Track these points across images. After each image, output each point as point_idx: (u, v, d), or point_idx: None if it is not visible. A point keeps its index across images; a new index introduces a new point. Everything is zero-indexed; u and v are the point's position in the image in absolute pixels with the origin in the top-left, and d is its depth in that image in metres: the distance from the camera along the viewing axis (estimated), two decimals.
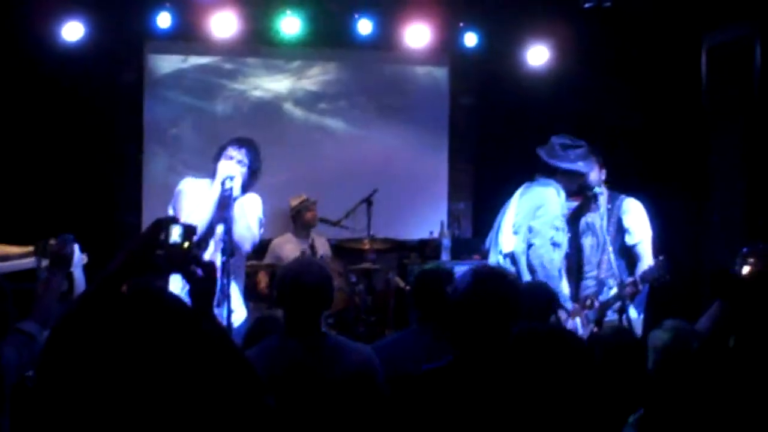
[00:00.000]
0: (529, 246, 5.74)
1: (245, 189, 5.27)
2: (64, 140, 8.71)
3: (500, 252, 5.99)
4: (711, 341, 3.26)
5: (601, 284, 5.83)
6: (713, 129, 8.26)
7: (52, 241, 3.92)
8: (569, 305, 5.68)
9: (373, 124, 9.77)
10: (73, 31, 8.33)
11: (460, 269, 7.59)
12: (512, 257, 5.85)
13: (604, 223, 5.87)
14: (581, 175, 5.91)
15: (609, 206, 5.94)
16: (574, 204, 6.40)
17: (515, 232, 5.89)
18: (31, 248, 4.72)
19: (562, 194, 5.89)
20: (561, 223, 5.82)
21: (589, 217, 5.95)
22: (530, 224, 5.77)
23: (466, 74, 9.86)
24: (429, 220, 9.40)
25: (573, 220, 6.09)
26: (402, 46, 9.22)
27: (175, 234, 2.49)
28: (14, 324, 3.44)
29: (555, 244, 5.74)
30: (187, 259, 2.55)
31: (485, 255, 6.34)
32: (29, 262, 4.68)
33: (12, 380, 3.26)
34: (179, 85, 9.44)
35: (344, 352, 3.82)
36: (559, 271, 5.83)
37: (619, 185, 6.19)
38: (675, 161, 8.38)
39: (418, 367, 3.27)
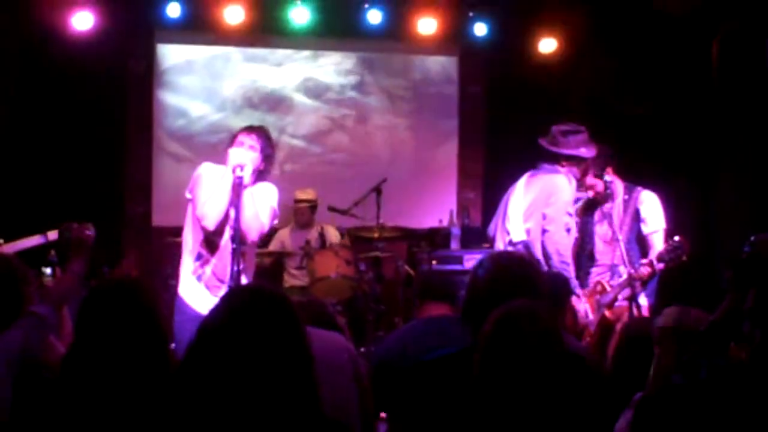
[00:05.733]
0: (544, 232, 5.78)
1: (261, 174, 5.26)
2: (74, 129, 8.74)
3: (510, 241, 6.01)
4: (719, 324, 3.24)
5: (612, 270, 5.85)
6: (723, 116, 8.24)
7: (73, 226, 3.93)
8: (578, 290, 5.74)
9: (383, 114, 9.77)
10: (83, 20, 8.35)
11: (470, 258, 7.68)
12: (525, 245, 5.87)
13: (619, 212, 5.92)
14: (584, 161, 5.96)
15: (626, 197, 5.99)
16: (585, 194, 6.45)
17: (526, 221, 5.92)
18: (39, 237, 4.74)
19: (573, 181, 5.95)
20: (572, 209, 5.91)
21: (605, 207, 5.98)
22: (544, 211, 5.82)
23: (476, 64, 9.85)
24: (438, 209, 9.41)
25: (587, 208, 6.11)
26: (412, 35, 9.21)
27: None
28: (29, 307, 3.43)
29: (567, 230, 5.81)
30: None
31: (492, 243, 6.37)
32: (35, 239, 4.68)
33: (15, 362, 3.22)
34: (189, 74, 9.45)
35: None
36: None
37: (628, 173, 6.19)
38: (684, 148, 8.37)
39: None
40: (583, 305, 5.78)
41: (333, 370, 3.49)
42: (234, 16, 8.66)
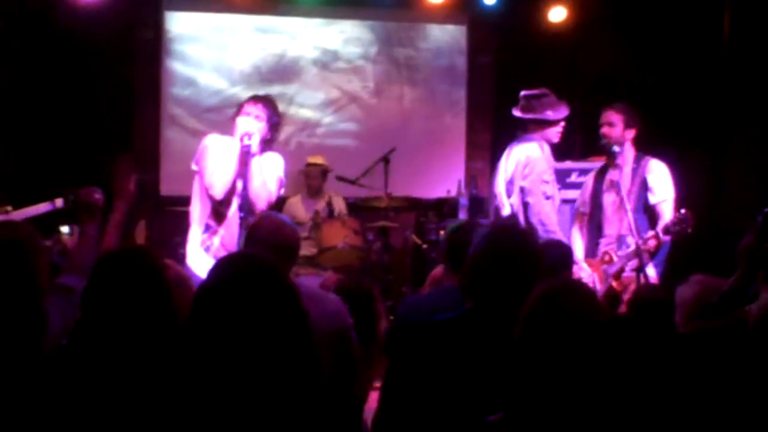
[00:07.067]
0: (525, 205, 5.82)
1: (267, 143, 5.27)
2: (82, 98, 8.72)
3: (499, 216, 6.05)
4: (732, 294, 3.24)
5: (620, 240, 5.84)
6: (735, 86, 8.18)
7: (76, 193, 3.91)
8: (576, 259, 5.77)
9: (392, 83, 9.73)
10: None
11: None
12: (512, 217, 5.92)
13: (627, 181, 5.88)
14: (553, 123, 6.00)
15: (635, 166, 5.94)
16: (597, 163, 6.41)
17: (509, 195, 5.95)
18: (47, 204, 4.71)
19: (546, 148, 6.01)
20: (549, 176, 5.92)
21: (613, 175, 5.94)
22: (521, 185, 5.86)
23: (485, 32, 9.80)
24: (446, 179, 9.40)
25: (597, 177, 6.10)
26: (421, 4, 9.18)
27: None
28: (57, 280, 3.41)
29: (547, 197, 5.84)
30: None
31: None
32: (43, 206, 4.64)
33: (59, 340, 3.20)
34: (197, 43, 9.41)
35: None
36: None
37: (638, 142, 6.15)
38: (695, 118, 8.32)
39: None
40: (589, 276, 5.79)
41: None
42: None
